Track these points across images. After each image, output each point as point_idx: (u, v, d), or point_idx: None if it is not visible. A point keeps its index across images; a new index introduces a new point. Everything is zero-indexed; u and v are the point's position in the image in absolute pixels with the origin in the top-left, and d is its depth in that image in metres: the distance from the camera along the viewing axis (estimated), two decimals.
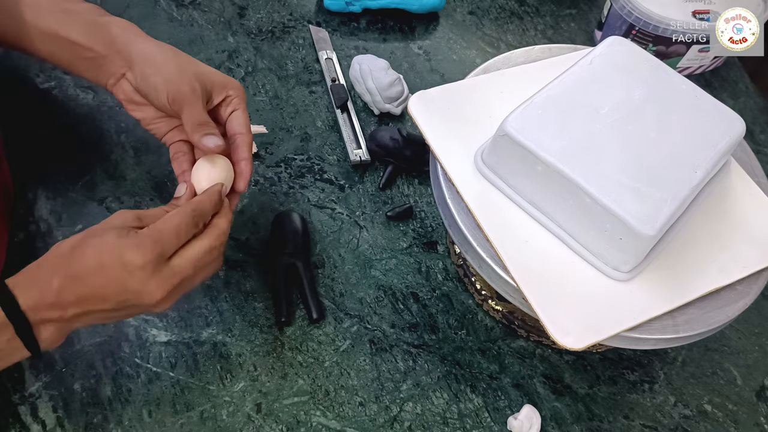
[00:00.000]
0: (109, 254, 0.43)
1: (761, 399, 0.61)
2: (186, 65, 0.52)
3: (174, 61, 0.52)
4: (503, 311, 0.60)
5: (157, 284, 0.44)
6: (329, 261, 0.63)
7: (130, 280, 0.43)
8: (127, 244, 0.43)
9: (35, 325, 0.43)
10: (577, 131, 0.48)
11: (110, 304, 0.44)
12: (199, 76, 0.51)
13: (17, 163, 0.61)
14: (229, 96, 0.53)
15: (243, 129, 0.53)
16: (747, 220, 0.53)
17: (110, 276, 0.43)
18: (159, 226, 0.44)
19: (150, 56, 0.52)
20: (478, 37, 0.84)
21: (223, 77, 0.53)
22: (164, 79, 0.51)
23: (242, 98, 0.54)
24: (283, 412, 0.54)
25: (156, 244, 0.43)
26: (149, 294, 0.44)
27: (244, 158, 0.52)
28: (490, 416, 0.56)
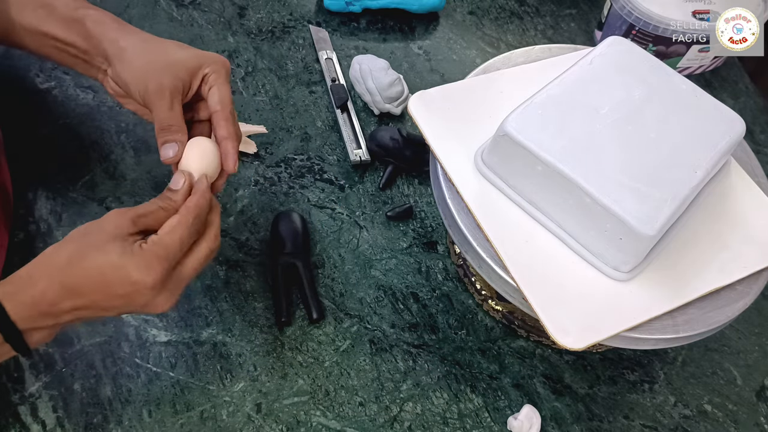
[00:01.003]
0: (114, 272, 0.42)
1: (761, 399, 0.61)
2: (155, 57, 0.49)
3: (142, 56, 0.49)
4: (503, 311, 0.60)
5: (165, 298, 0.44)
6: (329, 261, 0.63)
7: (138, 297, 0.43)
8: (134, 264, 0.42)
9: (26, 332, 0.42)
10: (577, 131, 0.48)
11: (112, 313, 0.44)
12: (169, 66, 0.49)
13: (17, 163, 0.61)
14: (206, 74, 0.51)
15: (218, 105, 0.50)
16: (747, 220, 0.53)
17: (116, 293, 0.42)
18: (164, 241, 0.43)
19: (121, 52, 0.50)
20: (478, 37, 0.84)
21: (196, 59, 0.50)
22: (133, 76, 0.49)
23: (220, 72, 0.51)
24: (283, 412, 0.54)
25: (163, 262, 0.43)
26: (157, 306, 0.44)
27: (223, 136, 0.50)
28: (490, 416, 0.56)
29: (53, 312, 0.42)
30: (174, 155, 0.48)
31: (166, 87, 0.48)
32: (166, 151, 0.48)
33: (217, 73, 0.51)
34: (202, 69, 0.50)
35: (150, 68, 0.49)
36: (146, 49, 0.50)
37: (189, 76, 0.50)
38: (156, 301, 0.43)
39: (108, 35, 0.51)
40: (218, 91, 0.50)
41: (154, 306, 0.44)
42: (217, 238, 0.47)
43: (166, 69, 0.49)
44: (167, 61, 0.49)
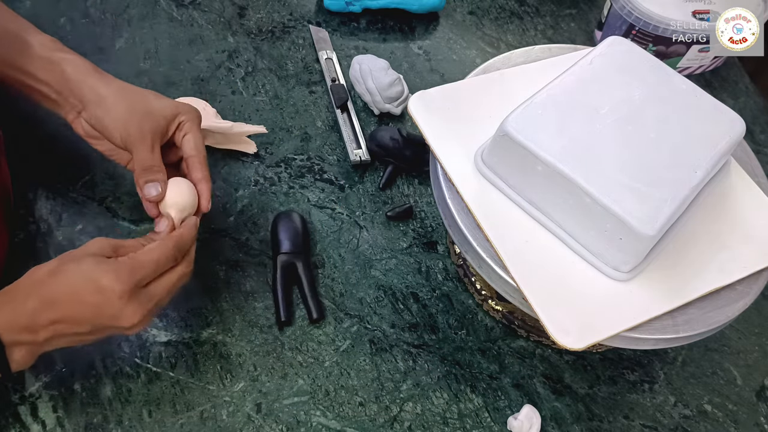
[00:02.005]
0: (85, 280, 0.44)
1: (761, 399, 0.61)
2: (136, 105, 0.53)
3: (123, 103, 0.53)
4: (503, 311, 0.60)
5: (133, 310, 0.45)
6: (329, 261, 0.63)
7: (106, 306, 0.45)
8: (104, 270, 0.45)
9: (8, 346, 0.44)
10: (577, 131, 0.48)
11: (84, 328, 0.45)
12: (149, 113, 0.53)
13: (17, 163, 0.61)
14: (181, 122, 0.55)
15: (193, 151, 0.54)
16: (747, 220, 0.53)
17: (86, 301, 0.44)
18: (139, 257, 0.46)
19: (101, 98, 0.53)
20: (478, 37, 0.84)
21: (173, 107, 0.54)
22: (114, 121, 0.52)
23: (194, 120, 0.55)
24: (283, 412, 0.54)
25: (133, 272, 0.45)
26: (125, 318, 0.45)
27: (199, 179, 0.54)
28: (490, 416, 0.56)
29: (32, 326, 0.44)
30: (157, 194, 0.52)
31: (147, 132, 0.52)
32: (149, 190, 0.52)
33: (191, 122, 0.55)
34: (177, 117, 0.55)
35: (131, 115, 0.52)
36: (126, 98, 0.53)
37: (166, 123, 0.54)
38: (124, 312, 0.45)
39: (87, 81, 0.53)
40: (193, 138, 0.55)
41: (124, 318, 0.45)
42: (191, 263, 0.51)
43: (146, 116, 0.53)
44: (147, 109, 0.53)
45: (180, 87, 0.72)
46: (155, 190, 0.52)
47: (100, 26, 0.75)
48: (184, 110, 0.55)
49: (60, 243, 0.59)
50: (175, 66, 0.73)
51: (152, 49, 0.74)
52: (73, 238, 0.60)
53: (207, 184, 0.55)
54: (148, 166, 0.53)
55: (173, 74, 0.73)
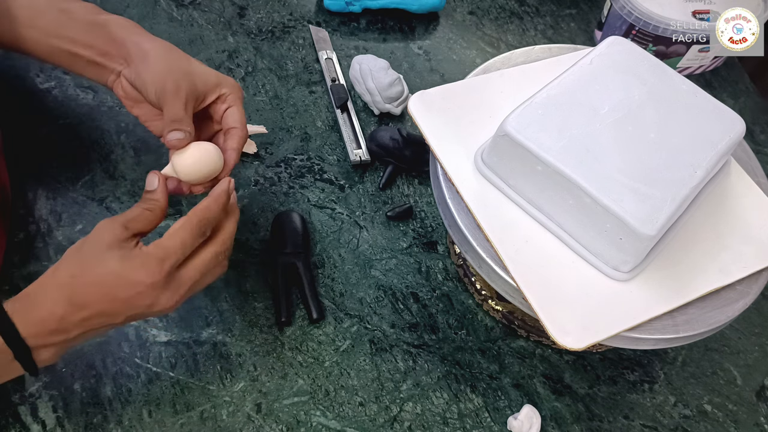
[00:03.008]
0: (115, 278, 0.43)
1: (761, 399, 0.61)
2: (177, 63, 0.52)
3: (165, 58, 0.52)
4: (503, 311, 0.60)
5: (167, 297, 0.44)
6: (329, 261, 0.63)
7: (140, 298, 0.44)
8: (132, 267, 0.43)
9: (35, 349, 0.43)
10: (577, 131, 0.48)
11: (119, 319, 0.45)
12: (189, 74, 0.51)
13: (17, 163, 0.61)
14: (223, 94, 0.53)
15: (237, 123, 0.53)
16: (747, 220, 0.53)
17: (119, 297, 0.43)
18: (164, 243, 0.44)
19: (145, 53, 0.52)
20: (478, 37, 0.84)
21: (217, 77, 0.53)
22: (153, 74, 0.51)
23: (238, 96, 0.54)
24: (283, 412, 0.54)
25: (162, 263, 0.44)
26: (160, 305, 0.44)
27: (232, 148, 0.53)
28: (490, 416, 0.56)
29: (63, 328, 0.43)
30: (179, 141, 0.49)
31: (183, 89, 0.50)
32: (174, 134, 0.49)
33: (235, 96, 0.54)
34: (220, 88, 0.53)
35: (171, 71, 0.51)
36: (170, 56, 0.52)
37: (205, 90, 0.52)
38: (159, 300, 0.44)
39: (132, 38, 0.53)
40: (237, 111, 0.54)
41: (158, 305, 0.44)
42: (225, 242, 0.48)
43: (186, 76, 0.51)
44: (188, 70, 0.52)
45: None
46: (180, 135, 0.49)
47: None
48: (228, 83, 0.54)
49: (60, 243, 0.59)
50: None
51: None
52: (73, 238, 0.60)
53: (235, 156, 0.53)
54: (178, 118, 0.50)
55: None
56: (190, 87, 0.51)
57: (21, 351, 0.42)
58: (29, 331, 0.42)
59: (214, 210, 0.48)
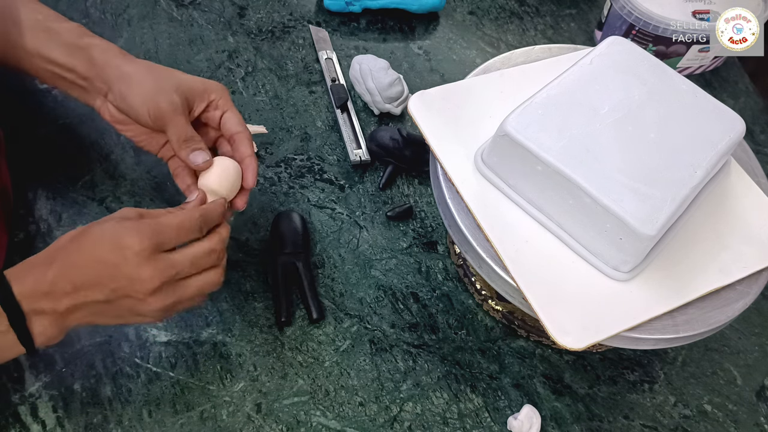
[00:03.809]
0: (106, 239, 0.43)
1: (761, 399, 0.61)
2: (163, 80, 0.52)
3: (150, 78, 0.52)
4: (503, 311, 0.60)
5: (151, 272, 0.43)
6: (329, 261, 0.63)
7: (124, 265, 0.43)
8: (125, 228, 0.43)
9: (29, 315, 0.43)
10: (577, 131, 0.48)
11: (103, 293, 0.44)
12: (177, 88, 0.51)
13: (17, 163, 0.61)
14: (213, 100, 0.54)
15: (239, 127, 0.53)
16: (747, 220, 0.53)
17: (104, 260, 0.43)
18: (161, 219, 0.45)
19: (126, 76, 0.52)
20: (478, 37, 0.84)
21: (202, 83, 0.53)
22: (142, 97, 0.51)
23: (227, 98, 0.54)
24: (283, 412, 0.54)
25: (155, 233, 0.44)
26: (141, 282, 0.43)
27: (248, 155, 0.53)
28: (490, 416, 0.56)
29: (54, 292, 0.43)
30: (203, 162, 0.51)
31: (179, 103, 0.51)
32: (196, 157, 0.51)
33: (225, 99, 0.54)
34: (208, 94, 0.53)
35: (160, 90, 0.51)
36: (151, 74, 0.52)
37: (195, 99, 0.53)
38: (142, 273, 0.43)
39: (112, 62, 0.53)
40: (234, 115, 0.54)
41: (140, 280, 0.43)
42: (220, 242, 0.48)
43: (175, 89, 0.51)
44: (175, 83, 0.52)
45: None
46: (201, 158, 0.50)
47: (100, 26, 0.75)
48: (213, 88, 0.54)
49: None
50: (175, 66, 0.73)
51: (152, 49, 0.74)
52: None
53: (254, 162, 0.53)
54: (189, 137, 0.51)
55: None
56: (182, 100, 0.51)
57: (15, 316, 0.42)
58: (22, 291, 0.42)
59: (214, 212, 0.48)
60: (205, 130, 0.55)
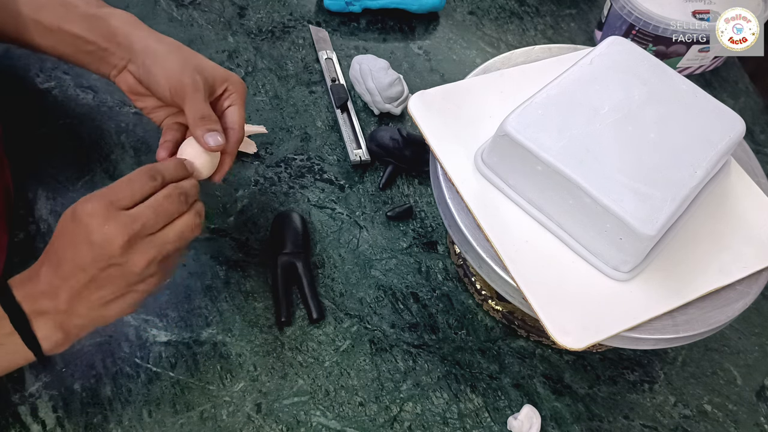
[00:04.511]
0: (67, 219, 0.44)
1: (761, 399, 0.61)
2: (188, 58, 0.52)
3: (176, 54, 0.52)
4: (503, 311, 0.60)
5: (113, 229, 0.42)
6: (329, 261, 0.63)
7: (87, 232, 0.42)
8: (78, 202, 0.43)
9: (31, 316, 0.43)
10: (577, 131, 0.48)
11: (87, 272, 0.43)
12: (200, 69, 0.52)
13: (17, 163, 0.61)
14: (227, 90, 0.54)
15: (236, 125, 0.53)
16: (747, 220, 0.53)
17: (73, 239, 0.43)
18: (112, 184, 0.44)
19: (151, 48, 0.52)
20: (478, 37, 0.84)
21: (224, 72, 0.54)
22: (166, 71, 0.51)
23: (240, 94, 0.54)
24: (283, 412, 0.54)
25: (105, 193, 0.43)
26: (109, 241, 0.42)
27: (228, 152, 0.53)
28: (490, 416, 0.56)
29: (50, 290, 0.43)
30: (216, 144, 0.50)
31: (200, 83, 0.51)
32: (209, 139, 0.50)
33: (238, 94, 0.54)
34: (227, 82, 0.53)
35: (185, 68, 0.51)
36: (179, 49, 0.53)
37: (215, 84, 0.53)
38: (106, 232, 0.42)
39: (136, 32, 0.53)
40: (238, 111, 0.54)
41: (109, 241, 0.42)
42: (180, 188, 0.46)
43: (199, 70, 0.52)
44: (199, 65, 0.52)
45: None
46: (215, 140, 0.50)
47: None
48: (233, 79, 0.54)
49: None
50: None
51: None
52: None
53: (230, 161, 0.53)
54: (206, 115, 0.51)
55: None
56: (205, 81, 0.52)
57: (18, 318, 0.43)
58: (22, 294, 0.43)
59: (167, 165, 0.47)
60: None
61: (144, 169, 0.45)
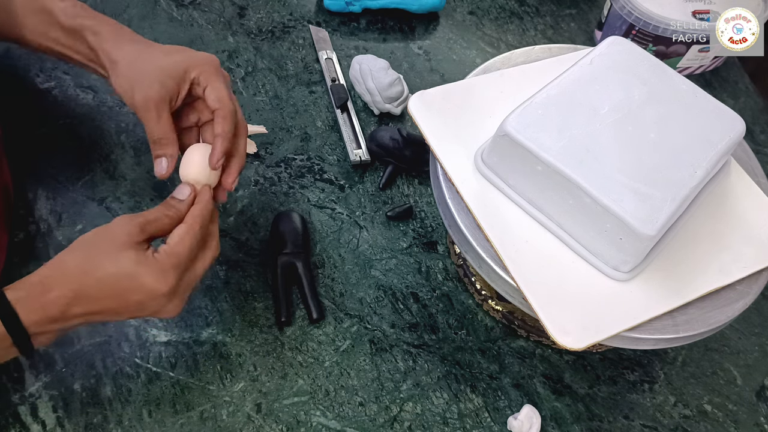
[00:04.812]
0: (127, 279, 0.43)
1: (761, 399, 0.61)
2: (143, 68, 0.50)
3: (132, 68, 0.50)
4: (503, 311, 0.60)
5: (175, 304, 0.46)
6: (329, 261, 0.63)
7: (152, 304, 0.45)
8: (147, 272, 0.43)
9: (34, 336, 0.43)
10: (577, 131, 0.48)
11: (123, 317, 0.46)
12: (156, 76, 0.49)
13: (17, 163, 0.61)
14: (195, 78, 0.51)
15: (216, 103, 0.50)
16: (747, 220, 0.53)
17: (129, 299, 0.44)
18: (176, 251, 0.45)
19: (114, 64, 0.51)
20: (478, 37, 0.84)
21: (183, 64, 0.50)
22: (123, 89, 0.50)
23: (209, 71, 0.51)
24: (283, 412, 0.54)
25: (177, 270, 0.45)
26: (167, 311, 0.46)
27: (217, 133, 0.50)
28: (490, 416, 0.56)
29: (63, 317, 0.43)
30: (165, 171, 0.50)
31: (151, 99, 0.49)
32: (157, 166, 0.50)
33: (207, 73, 0.51)
34: (188, 73, 0.50)
35: (137, 80, 0.49)
36: (136, 60, 0.51)
37: (175, 84, 0.50)
38: (168, 307, 0.45)
39: (103, 47, 0.52)
40: (213, 90, 0.51)
41: (166, 311, 0.46)
42: (218, 246, 0.50)
43: (152, 79, 0.49)
44: (153, 71, 0.50)
45: None
46: (160, 167, 0.50)
47: None
48: (195, 63, 0.50)
49: (60, 243, 0.59)
50: None
51: None
52: (73, 239, 0.59)
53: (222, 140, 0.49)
54: (155, 139, 0.50)
55: None
56: (159, 92, 0.49)
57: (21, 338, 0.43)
58: (31, 319, 0.42)
59: (207, 216, 0.48)
60: (200, 108, 0.53)
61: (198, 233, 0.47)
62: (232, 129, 0.51)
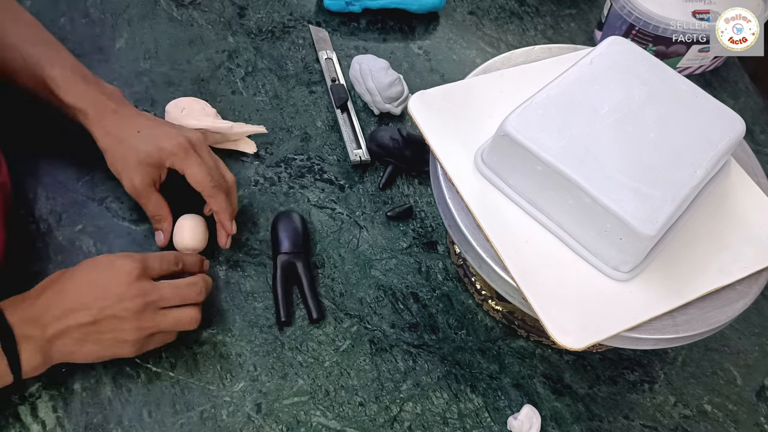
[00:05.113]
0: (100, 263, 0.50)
1: (761, 399, 0.61)
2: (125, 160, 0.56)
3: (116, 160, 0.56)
4: (503, 311, 0.60)
5: (136, 291, 0.48)
6: (329, 261, 0.63)
7: (116, 284, 0.48)
8: (117, 255, 0.51)
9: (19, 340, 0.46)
10: (577, 131, 0.48)
11: (91, 314, 0.47)
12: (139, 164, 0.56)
13: (17, 162, 0.61)
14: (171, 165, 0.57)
15: (198, 186, 0.57)
16: (747, 220, 0.53)
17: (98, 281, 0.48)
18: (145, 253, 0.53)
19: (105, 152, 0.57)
20: (478, 37, 0.84)
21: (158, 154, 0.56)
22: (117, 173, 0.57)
23: (183, 157, 0.56)
24: (283, 412, 0.54)
25: (142, 258, 0.51)
26: (129, 299, 0.48)
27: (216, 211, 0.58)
28: (490, 416, 0.56)
29: (42, 317, 0.46)
30: (163, 242, 0.59)
31: (137, 186, 0.56)
32: (156, 238, 0.59)
33: (179, 160, 0.57)
34: (163, 162, 0.57)
35: (123, 168, 0.56)
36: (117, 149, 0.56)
37: (156, 170, 0.57)
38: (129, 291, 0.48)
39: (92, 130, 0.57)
40: (190, 176, 0.57)
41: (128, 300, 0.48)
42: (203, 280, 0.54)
43: (134, 169, 0.56)
44: (133, 161, 0.56)
45: (180, 87, 0.72)
46: (158, 239, 0.59)
47: (100, 26, 0.75)
48: (166, 154, 0.56)
49: (60, 243, 0.59)
50: (175, 66, 0.73)
51: (152, 49, 0.74)
52: (73, 238, 0.60)
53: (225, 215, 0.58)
54: (150, 216, 0.58)
55: (173, 74, 0.73)
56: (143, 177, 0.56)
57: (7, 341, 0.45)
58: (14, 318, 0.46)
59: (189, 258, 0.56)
60: None
61: (172, 253, 0.55)
62: (224, 200, 0.58)
